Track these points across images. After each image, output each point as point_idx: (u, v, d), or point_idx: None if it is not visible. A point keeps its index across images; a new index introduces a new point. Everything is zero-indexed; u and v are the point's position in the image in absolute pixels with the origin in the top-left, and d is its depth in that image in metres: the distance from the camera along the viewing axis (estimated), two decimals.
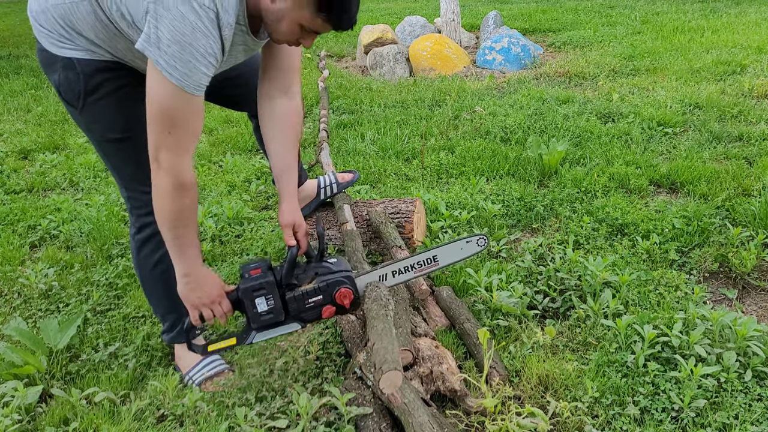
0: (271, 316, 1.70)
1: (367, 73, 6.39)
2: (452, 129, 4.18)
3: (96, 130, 1.62)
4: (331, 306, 1.73)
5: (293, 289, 1.72)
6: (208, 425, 1.67)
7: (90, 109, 1.58)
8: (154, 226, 1.72)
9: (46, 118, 5.00)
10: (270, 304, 1.69)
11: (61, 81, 1.56)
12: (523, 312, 2.10)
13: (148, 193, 1.65)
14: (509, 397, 1.70)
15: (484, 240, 1.92)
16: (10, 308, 2.36)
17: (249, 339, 1.75)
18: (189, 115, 1.40)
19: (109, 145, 1.65)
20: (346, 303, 1.72)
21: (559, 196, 3.02)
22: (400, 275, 1.87)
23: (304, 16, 1.42)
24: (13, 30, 10.86)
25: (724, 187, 2.99)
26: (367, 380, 1.69)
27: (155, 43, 1.32)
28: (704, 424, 1.62)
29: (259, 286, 1.67)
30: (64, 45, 1.52)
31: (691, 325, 1.94)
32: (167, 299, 1.86)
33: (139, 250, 1.80)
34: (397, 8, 11.15)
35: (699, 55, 5.73)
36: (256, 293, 1.68)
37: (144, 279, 1.85)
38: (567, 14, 8.93)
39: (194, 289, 1.61)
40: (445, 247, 1.90)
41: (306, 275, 1.73)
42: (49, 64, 1.56)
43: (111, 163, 1.70)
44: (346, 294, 1.72)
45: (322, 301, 1.72)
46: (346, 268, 1.77)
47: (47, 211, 3.19)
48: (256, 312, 1.69)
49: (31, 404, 1.77)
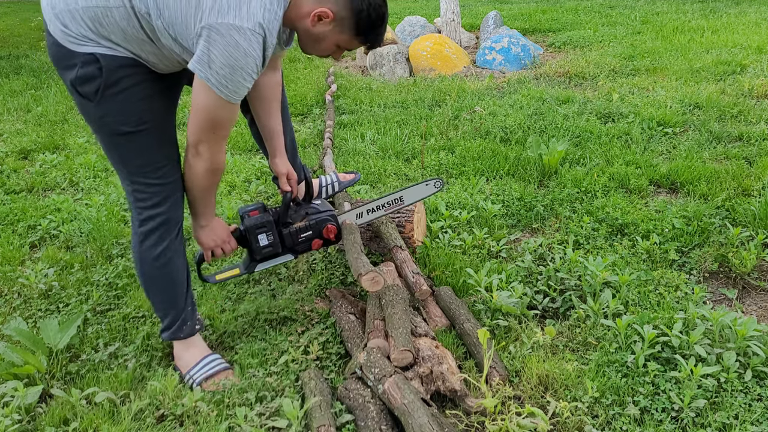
0: (271, 249, 2.05)
1: (367, 73, 6.39)
2: (452, 129, 4.18)
3: (109, 123, 1.64)
4: (319, 239, 2.10)
5: (288, 226, 2.06)
6: (208, 425, 1.67)
7: (107, 101, 1.60)
8: (158, 219, 1.78)
9: (46, 118, 5.00)
10: (270, 239, 2.03)
11: (78, 75, 1.57)
12: (523, 312, 2.10)
13: (153, 185, 1.73)
14: (509, 397, 1.70)
15: (440, 183, 2.31)
16: (10, 308, 2.36)
17: (252, 269, 2.08)
18: (230, 119, 1.63)
19: (121, 138, 1.67)
20: (332, 236, 2.11)
21: (559, 196, 3.02)
22: (373, 213, 2.25)
23: (343, 38, 1.67)
24: (13, 30, 10.87)
25: (724, 187, 2.99)
26: (367, 380, 1.69)
27: (207, 64, 1.49)
28: (704, 424, 1.62)
29: (262, 224, 2.01)
30: (86, 44, 1.55)
31: (691, 325, 1.94)
32: (167, 293, 1.88)
33: (141, 243, 1.81)
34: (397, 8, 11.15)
35: (699, 55, 5.73)
36: (258, 230, 2.01)
37: (144, 272, 1.85)
38: (567, 14, 8.93)
39: (209, 234, 1.91)
40: (407, 189, 2.27)
41: (298, 215, 2.08)
42: (65, 60, 1.58)
43: (119, 156, 1.71)
44: (332, 229, 2.10)
45: (311, 236, 2.09)
46: (329, 208, 2.14)
47: (47, 211, 3.19)
48: (259, 246, 2.03)
49: (31, 404, 1.77)
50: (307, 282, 2.41)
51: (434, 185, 2.31)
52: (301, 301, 2.25)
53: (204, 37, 1.46)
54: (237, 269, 2.10)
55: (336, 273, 2.41)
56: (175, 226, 1.82)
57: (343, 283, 2.38)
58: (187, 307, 1.92)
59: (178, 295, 1.89)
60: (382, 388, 1.63)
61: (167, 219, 1.79)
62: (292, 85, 5.68)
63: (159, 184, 1.74)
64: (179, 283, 1.88)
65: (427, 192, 2.31)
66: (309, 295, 2.30)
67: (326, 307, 2.20)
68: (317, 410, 1.62)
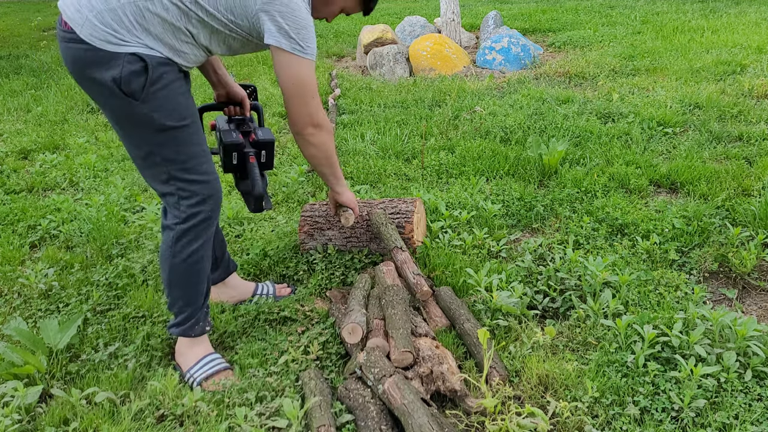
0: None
1: (367, 73, 6.39)
2: (452, 129, 4.18)
3: (156, 119, 1.67)
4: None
5: None
6: (208, 425, 1.67)
7: (153, 98, 1.64)
8: (201, 216, 1.80)
9: (46, 118, 5.00)
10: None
11: (123, 75, 1.60)
12: (523, 312, 2.10)
13: (197, 182, 1.77)
14: (509, 397, 1.70)
15: None
16: (10, 308, 2.36)
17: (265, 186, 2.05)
18: (315, 78, 1.78)
19: (166, 135, 1.70)
20: None
21: (559, 196, 3.02)
22: None
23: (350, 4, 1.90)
24: (13, 30, 10.86)
25: (724, 187, 2.99)
26: (367, 380, 1.69)
27: (286, 35, 1.65)
28: (704, 424, 1.62)
29: None
30: (129, 42, 1.59)
31: (691, 325, 1.94)
32: (189, 291, 1.89)
33: (177, 240, 1.81)
34: (397, 8, 11.15)
35: (699, 55, 5.73)
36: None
37: (173, 269, 1.85)
38: (567, 14, 8.93)
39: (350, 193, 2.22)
40: None
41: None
42: (103, 63, 1.60)
43: (163, 155, 1.72)
44: None
45: None
46: None
47: (47, 211, 3.19)
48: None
49: (31, 404, 1.77)
50: (307, 282, 2.41)
51: None
52: (301, 301, 2.25)
53: (267, 14, 1.63)
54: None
55: (336, 273, 2.41)
56: (212, 226, 1.86)
57: (344, 283, 2.38)
58: (203, 308, 1.93)
59: (199, 295, 1.91)
60: (382, 388, 1.63)
61: (209, 217, 1.82)
62: None
63: (203, 181, 1.77)
64: (203, 282, 1.90)
65: None
66: (309, 295, 2.30)
67: (326, 307, 2.20)
68: (317, 410, 1.62)
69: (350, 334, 1.85)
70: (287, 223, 2.91)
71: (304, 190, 3.31)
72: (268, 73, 6.24)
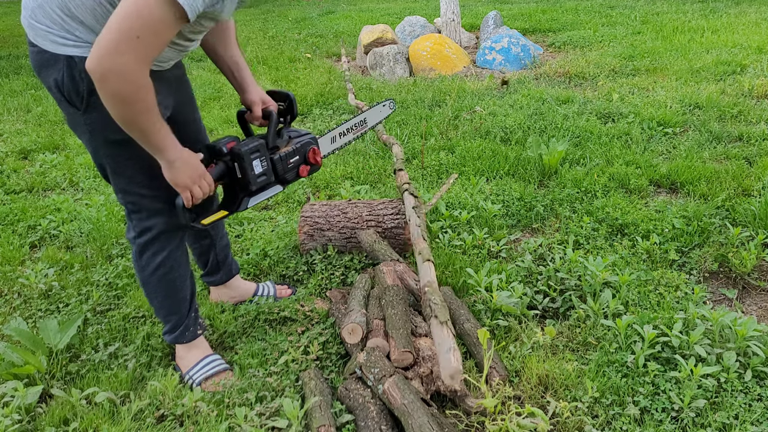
0: (265, 178, 1.79)
1: (367, 73, 6.39)
2: (452, 129, 4.18)
3: (99, 131, 1.56)
4: (305, 164, 1.91)
5: (275, 152, 1.83)
6: (208, 425, 1.67)
7: (93, 108, 1.51)
8: (155, 230, 1.74)
9: (46, 118, 5.00)
10: (264, 166, 1.78)
11: (64, 80, 1.49)
12: (523, 312, 2.10)
13: (147, 196, 1.67)
14: (509, 397, 1.70)
15: (392, 103, 2.47)
16: (10, 308, 2.36)
17: (243, 206, 1.80)
18: (167, 29, 1.35)
19: (111, 147, 1.59)
20: (318, 160, 1.93)
21: (559, 196, 3.02)
22: (344, 136, 2.24)
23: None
24: (13, 30, 10.86)
25: (724, 187, 2.99)
26: (367, 380, 1.69)
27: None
28: (704, 424, 1.62)
29: (256, 148, 1.74)
30: (66, 40, 1.46)
31: (691, 325, 1.94)
32: (169, 301, 1.87)
33: (140, 254, 1.79)
34: (397, 8, 11.15)
35: (699, 55, 5.73)
36: (253, 155, 1.74)
37: (145, 282, 1.85)
38: (567, 14, 8.93)
39: (183, 170, 1.57)
40: (368, 111, 2.34)
41: (282, 140, 1.86)
42: (49, 65, 1.50)
43: (110, 167, 1.64)
44: (316, 152, 1.92)
45: (299, 161, 1.89)
46: (307, 131, 1.95)
47: (47, 211, 3.19)
48: (254, 174, 1.75)
49: (31, 404, 1.77)
50: (307, 282, 2.41)
51: (389, 106, 2.46)
52: (301, 301, 2.25)
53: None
54: (223, 210, 1.80)
55: (336, 273, 2.41)
56: (176, 236, 1.80)
57: (344, 283, 2.38)
58: (190, 314, 1.92)
59: (181, 303, 1.89)
60: (382, 388, 1.63)
61: (165, 229, 1.75)
62: (292, 85, 5.68)
63: (152, 196, 1.68)
64: (182, 291, 1.88)
65: (386, 113, 2.46)
66: (309, 295, 2.30)
67: (326, 307, 2.20)
68: (317, 410, 1.62)
69: (350, 334, 1.85)
70: (287, 223, 2.91)
71: (303, 191, 3.31)
72: (268, 74, 6.24)
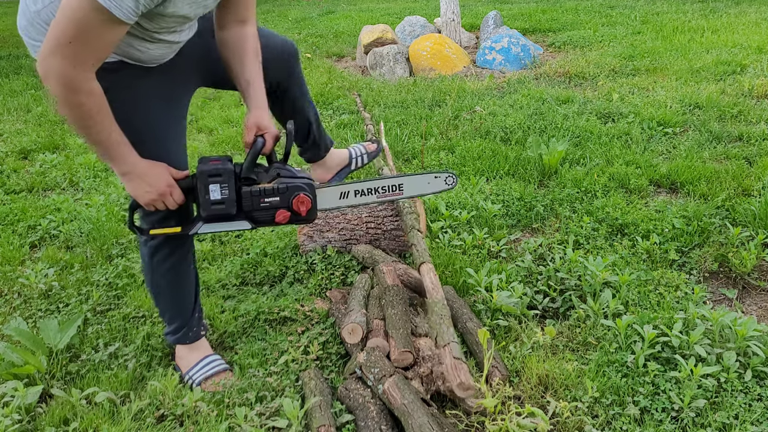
0: (222, 207, 1.63)
1: (367, 73, 6.39)
2: (452, 129, 4.18)
3: None
4: (286, 211, 1.67)
5: (251, 184, 1.67)
6: (208, 425, 1.67)
7: None
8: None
9: (46, 118, 5.00)
10: (224, 194, 1.62)
11: None
12: (523, 312, 2.10)
13: None
14: (509, 397, 1.70)
15: (453, 179, 1.82)
16: (10, 308, 2.36)
17: (194, 229, 1.68)
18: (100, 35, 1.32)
19: None
20: (303, 210, 1.67)
21: (559, 196, 3.02)
22: (362, 196, 1.81)
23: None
24: (13, 30, 10.84)
25: (724, 187, 2.99)
26: (367, 380, 1.69)
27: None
28: (704, 424, 1.62)
29: (216, 172, 1.60)
30: None
31: (691, 325, 1.94)
32: (175, 303, 1.89)
33: (151, 257, 1.80)
34: (397, 8, 11.15)
35: (699, 55, 5.73)
36: (211, 179, 1.61)
37: (153, 284, 1.86)
38: (567, 14, 8.92)
39: (139, 184, 1.54)
40: (412, 177, 1.80)
41: (267, 174, 1.68)
42: None
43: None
44: (304, 200, 1.67)
45: (278, 203, 1.67)
46: (308, 176, 1.72)
47: (47, 211, 3.19)
48: (208, 199, 1.62)
49: (31, 404, 1.77)
50: (307, 282, 2.41)
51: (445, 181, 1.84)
52: (301, 301, 2.25)
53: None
54: (179, 227, 1.71)
55: (336, 273, 2.41)
56: (187, 239, 1.82)
57: (344, 283, 2.38)
58: (194, 315, 1.93)
59: (186, 306, 1.90)
60: (382, 388, 1.63)
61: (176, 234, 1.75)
62: None
63: None
64: (188, 294, 1.90)
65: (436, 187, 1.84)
66: (309, 295, 2.30)
67: (326, 307, 2.20)
68: (317, 410, 1.62)
69: (350, 334, 1.85)
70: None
71: None
72: None
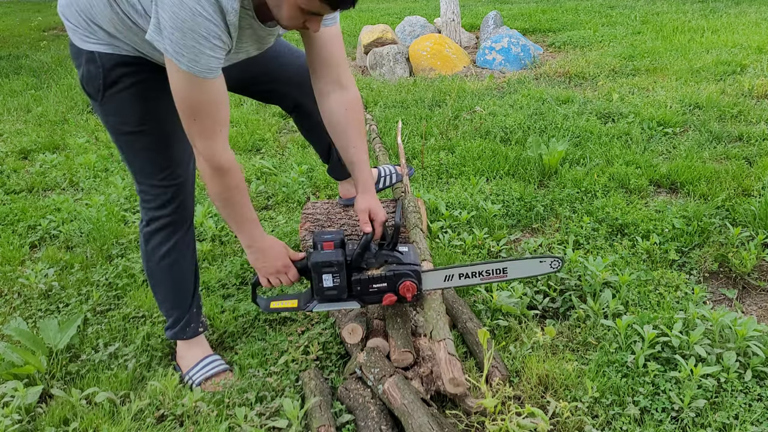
0: (335, 293, 1.78)
1: (367, 73, 6.39)
2: (452, 129, 4.18)
3: (111, 122, 1.66)
4: (393, 295, 1.79)
5: (360, 272, 1.79)
6: (208, 425, 1.67)
7: (109, 101, 1.61)
8: (163, 220, 1.78)
9: (46, 118, 5.00)
10: (336, 282, 1.77)
11: (84, 74, 1.60)
12: (523, 312, 2.10)
13: (157, 186, 1.73)
14: (509, 397, 1.70)
15: (558, 263, 1.88)
16: (10, 308, 2.36)
17: (310, 307, 1.83)
18: (207, 100, 1.44)
19: (123, 138, 1.68)
20: (408, 296, 1.78)
21: (559, 196, 3.02)
22: (466, 279, 1.88)
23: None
24: (13, 30, 10.86)
25: (724, 187, 2.99)
26: (367, 380, 1.69)
27: (158, 27, 1.35)
28: (704, 424, 1.62)
29: (329, 263, 1.74)
30: (89, 39, 1.55)
31: (691, 325, 1.94)
32: (173, 293, 1.89)
33: (147, 242, 1.82)
34: (397, 8, 11.15)
35: (699, 55, 5.73)
36: (324, 269, 1.75)
37: (151, 271, 1.87)
38: (567, 14, 8.93)
39: (258, 258, 1.71)
40: (517, 262, 1.89)
41: (376, 260, 1.79)
42: (76, 58, 1.60)
43: (124, 156, 1.73)
44: (410, 287, 1.78)
45: (385, 289, 1.79)
46: (415, 261, 1.82)
47: (47, 211, 3.19)
48: (321, 286, 1.77)
49: (31, 404, 1.77)
50: (308, 282, 2.40)
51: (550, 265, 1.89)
52: None
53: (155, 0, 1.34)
54: (295, 301, 1.87)
55: None
56: (182, 228, 1.82)
57: None
58: (192, 309, 1.92)
59: (184, 297, 1.90)
60: (382, 388, 1.63)
61: (172, 221, 1.79)
62: None
63: (163, 186, 1.73)
64: (185, 284, 1.89)
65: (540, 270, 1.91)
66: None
67: None
68: (317, 410, 1.62)
69: (350, 334, 1.85)
70: (287, 223, 2.91)
71: (304, 191, 3.31)
72: None
